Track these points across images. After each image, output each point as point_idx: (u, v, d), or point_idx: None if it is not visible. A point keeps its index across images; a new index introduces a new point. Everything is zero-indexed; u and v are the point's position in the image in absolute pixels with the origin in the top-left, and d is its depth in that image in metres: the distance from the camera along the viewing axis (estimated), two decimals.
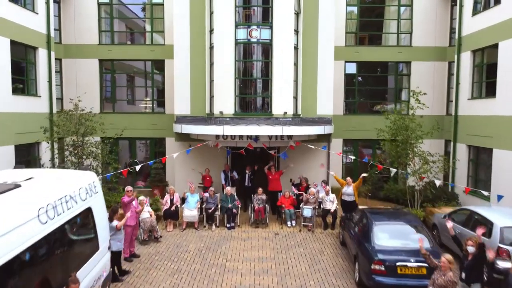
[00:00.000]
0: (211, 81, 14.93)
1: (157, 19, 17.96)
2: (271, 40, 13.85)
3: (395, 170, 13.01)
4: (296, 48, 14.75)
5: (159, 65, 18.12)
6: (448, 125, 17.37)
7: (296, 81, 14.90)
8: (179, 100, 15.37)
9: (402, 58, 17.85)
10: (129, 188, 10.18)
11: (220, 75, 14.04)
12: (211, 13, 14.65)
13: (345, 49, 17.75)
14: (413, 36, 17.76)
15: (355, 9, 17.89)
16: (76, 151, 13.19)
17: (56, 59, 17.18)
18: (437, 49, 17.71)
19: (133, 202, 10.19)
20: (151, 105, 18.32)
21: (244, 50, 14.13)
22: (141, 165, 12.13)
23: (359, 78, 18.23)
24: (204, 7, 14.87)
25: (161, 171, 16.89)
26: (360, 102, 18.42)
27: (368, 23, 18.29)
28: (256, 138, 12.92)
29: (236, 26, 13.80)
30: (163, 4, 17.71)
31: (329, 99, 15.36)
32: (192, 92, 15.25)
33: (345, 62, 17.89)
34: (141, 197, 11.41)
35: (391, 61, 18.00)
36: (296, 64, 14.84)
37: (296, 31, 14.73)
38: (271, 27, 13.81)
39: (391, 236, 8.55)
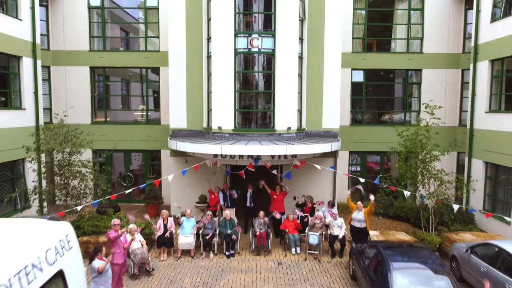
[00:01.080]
0: (209, 93, 13.86)
1: (151, 23, 16.87)
2: (273, 49, 12.76)
3: (409, 192, 11.98)
4: (300, 58, 13.67)
5: (154, 72, 17.04)
6: (462, 137, 16.34)
7: (300, 93, 13.82)
8: (175, 113, 14.32)
9: (412, 66, 16.76)
10: (116, 221, 9.12)
11: (218, 88, 12.97)
12: (209, 19, 13.56)
13: (352, 56, 16.66)
14: (424, 42, 16.67)
15: (362, 13, 16.76)
16: (62, 171, 12.12)
17: (43, 66, 16.16)
18: (449, 56, 16.62)
19: (122, 237, 9.15)
20: (145, 115, 17.24)
21: (245, 61, 13.05)
22: (131, 189, 11.01)
23: (367, 87, 17.12)
24: (201, 13, 13.78)
25: (156, 189, 15.81)
26: (367, 112, 17.34)
27: (377, 28, 17.18)
28: (258, 157, 11.86)
29: (236, 35, 12.70)
30: (158, 8, 16.63)
31: (335, 111, 14.30)
32: (189, 104, 14.20)
33: (352, 69, 16.81)
34: (131, 225, 10.39)
35: (401, 68, 16.90)
36: (300, 75, 13.76)
37: (301, 39, 13.64)
38: (273, 36, 12.72)
39: (411, 282, 7.51)
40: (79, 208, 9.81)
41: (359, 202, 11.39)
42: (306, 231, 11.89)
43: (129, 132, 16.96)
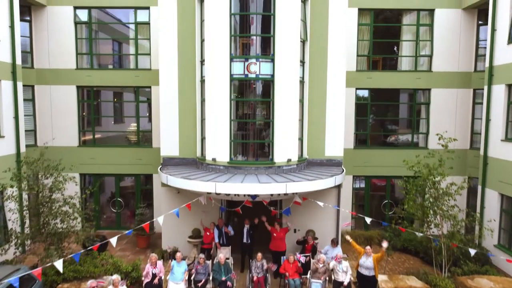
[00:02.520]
0: (203, 119, 12.81)
1: (142, 40, 15.80)
2: (272, 75, 11.70)
3: (421, 234, 10.98)
4: (302, 82, 12.62)
5: (145, 92, 15.98)
6: (473, 160, 15.38)
7: (301, 120, 12.78)
8: (166, 140, 13.27)
9: (420, 85, 15.71)
10: (93, 284, 8.07)
11: (213, 116, 11.93)
12: (202, 40, 12.49)
13: (357, 75, 15.61)
14: (434, 60, 15.62)
15: (367, 29, 15.69)
16: (41, 210, 11.06)
17: (27, 86, 15.15)
18: (460, 75, 15.58)
19: None
20: (136, 137, 16.18)
21: (241, 87, 12.00)
22: (117, 236, 9.91)
23: (372, 107, 16.07)
24: (194, 34, 12.71)
25: (148, 218, 14.78)
26: (372, 134, 16.29)
27: (383, 44, 16.12)
28: (255, 195, 10.84)
29: (231, 59, 11.63)
30: (149, 24, 15.55)
31: (339, 139, 13.25)
32: (181, 131, 13.15)
33: (356, 89, 15.77)
34: (115, 276, 9.39)
35: (408, 88, 15.85)
36: (301, 101, 12.72)
37: (302, 62, 12.58)
38: (272, 60, 11.65)
39: None
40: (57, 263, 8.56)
41: (368, 247, 10.35)
42: (308, 276, 10.88)
43: (119, 155, 15.95)
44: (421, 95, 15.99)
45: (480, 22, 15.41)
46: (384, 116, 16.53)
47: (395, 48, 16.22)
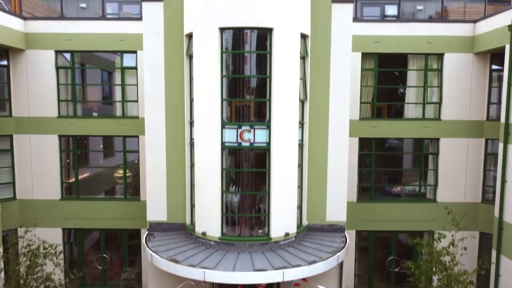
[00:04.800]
0: (192, 185, 11.71)
1: (130, 85, 14.69)
2: (268, 143, 10.59)
3: None
4: (301, 145, 11.51)
5: (132, 143, 14.86)
6: (484, 215, 14.36)
7: (300, 186, 11.68)
8: (153, 203, 12.20)
9: (429, 134, 14.62)
10: None
11: (203, 186, 10.86)
12: (191, 100, 11.39)
13: (360, 124, 14.51)
14: (443, 108, 14.54)
15: (371, 74, 14.59)
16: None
17: (4, 136, 14.08)
18: (471, 124, 14.49)
19: None
20: (123, 190, 15.07)
21: (234, 156, 10.90)
22: None
23: (377, 157, 14.96)
24: (183, 92, 11.59)
25: (134, 282, 13.70)
26: (377, 186, 15.20)
27: (388, 91, 15.03)
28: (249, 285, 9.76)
29: (223, 125, 10.53)
30: (136, 68, 14.43)
31: (341, 202, 12.19)
32: (169, 195, 12.09)
33: (360, 138, 14.66)
34: None
35: (416, 137, 14.76)
36: (301, 165, 11.63)
37: (301, 123, 11.47)
38: (268, 127, 10.55)
39: None
40: None
41: None
42: None
43: (104, 208, 14.85)
44: (429, 144, 14.88)
45: (493, 66, 14.31)
46: (390, 167, 15.41)
47: (401, 92, 15.11)
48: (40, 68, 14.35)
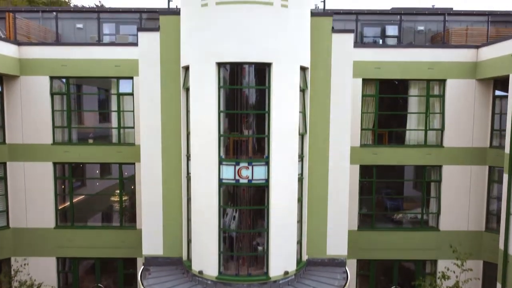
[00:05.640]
0: (189, 219, 11.40)
1: (126, 112, 14.41)
2: (267, 180, 10.29)
3: None
4: (300, 179, 11.21)
5: (128, 170, 14.56)
6: (489, 244, 14.04)
7: (300, 221, 11.37)
8: (148, 236, 11.88)
9: (431, 161, 14.34)
10: None
11: (200, 224, 10.56)
12: (188, 133, 11.09)
13: (361, 151, 14.23)
14: (445, 134, 14.26)
15: (372, 100, 14.32)
16: None
17: None
18: (474, 151, 14.22)
19: None
20: (119, 217, 14.75)
21: (232, 193, 10.60)
22: None
23: (378, 185, 14.67)
24: (179, 123, 11.30)
25: None
26: (378, 214, 14.89)
27: (389, 117, 14.76)
28: None
29: (220, 162, 10.23)
30: (132, 94, 14.16)
31: (342, 236, 11.89)
32: (165, 229, 11.76)
33: (360, 166, 14.37)
34: None
35: (418, 164, 14.47)
36: (300, 199, 11.31)
37: (301, 157, 11.17)
38: (267, 163, 10.25)
39: None
40: None
41: None
42: None
43: (100, 236, 14.54)
44: (432, 171, 14.58)
45: (496, 93, 14.04)
46: (391, 194, 15.12)
47: (403, 119, 14.81)
48: (34, 94, 14.08)
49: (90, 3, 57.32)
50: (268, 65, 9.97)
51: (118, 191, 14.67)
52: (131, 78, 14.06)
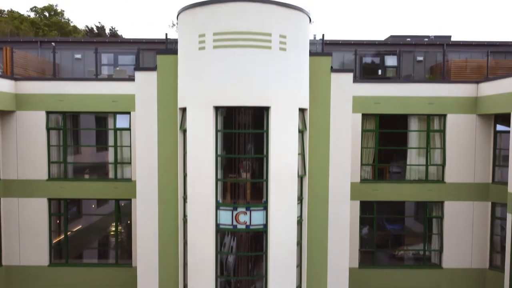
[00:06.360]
0: (185, 264, 11.08)
1: (123, 147, 14.23)
2: (265, 225, 10.04)
3: None
4: (299, 222, 10.96)
5: (125, 208, 14.31)
6: (492, 283, 13.69)
7: (300, 265, 11.07)
8: (144, 277, 11.50)
9: (432, 197, 14.11)
10: None
11: (196, 269, 10.27)
12: (185, 175, 10.87)
13: (361, 187, 14.01)
14: (446, 170, 14.05)
15: (372, 135, 14.16)
16: None
17: None
18: (477, 186, 14.00)
19: None
20: (115, 256, 14.43)
21: (229, 238, 10.32)
22: None
23: (378, 221, 14.42)
24: (176, 165, 11.08)
25: None
26: (379, 251, 14.58)
27: (389, 152, 14.58)
28: None
29: (218, 207, 9.99)
30: (129, 129, 13.99)
31: (343, 278, 11.54)
32: (161, 271, 11.39)
33: (361, 202, 14.12)
34: None
35: (419, 200, 14.23)
36: (300, 243, 11.04)
37: (300, 199, 10.93)
38: (265, 208, 10.01)
39: None
40: None
41: None
42: None
43: (95, 276, 14.17)
44: (433, 207, 14.34)
45: (497, 128, 13.89)
46: (392, 231, 14.84)
47: (403, 154, 14.64)
48: (30, 129, 13.92)
49: (90, 23, 57.81)
50: (267, 108, 9.81)
51: (114, 227, 14.38)
52: (129, 113, 13.93)
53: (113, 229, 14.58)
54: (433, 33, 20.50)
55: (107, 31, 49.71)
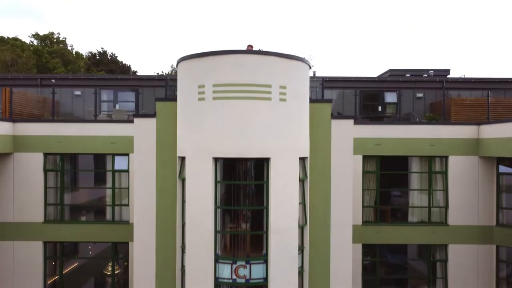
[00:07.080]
0: None
1: (122, 189, 14.03)
2: (266, 279, 9.76)
3: None
4: (301, 272, 10.67)
5: (122, 249, 14.01)
6: None
7: None
8: None
9: (435, 240, 13.84)
10: None
11: None
12: (183, 224, 10.64)
13: (362, 229, 13.76)
14: (449, 212, 13.82)
15: (373, 176, 13.99)
16: None
17: None
18: (481, 229, 13.75)
19: None
20: None
21: None
22: None
23: (381, 266, 14.09)
24: (174, 212, 10.86)
25: None
26: None
27: (391, 194, 14.38)
28: None
29: (217, 260, 9.73)
30: (128, 171, 13.82)
31: None
32: None
33: (363, 245, 13.84)
34: None
35: (422, 243, 13.95)
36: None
37: (301, 249, 10.68)
38: (266, 262, 9.75)
39: None
40: None
41: None
42: None
43: None
44: (437, 251, 14.04)
45: (500, 170, 13.73)
46: (396, 274, 14.48)
47: (405, 195, 14.43)
48: (27, 171, 13.76)
49: (92, 49, 58.43)
50: (267, 159, 9.68)
51: (110, 268, 14.05)
52: (127, 154, 13.79)
53: (110, 268, 14.21)
54: (432, 67, 20.52)
55: (109, 56, 50.24)
